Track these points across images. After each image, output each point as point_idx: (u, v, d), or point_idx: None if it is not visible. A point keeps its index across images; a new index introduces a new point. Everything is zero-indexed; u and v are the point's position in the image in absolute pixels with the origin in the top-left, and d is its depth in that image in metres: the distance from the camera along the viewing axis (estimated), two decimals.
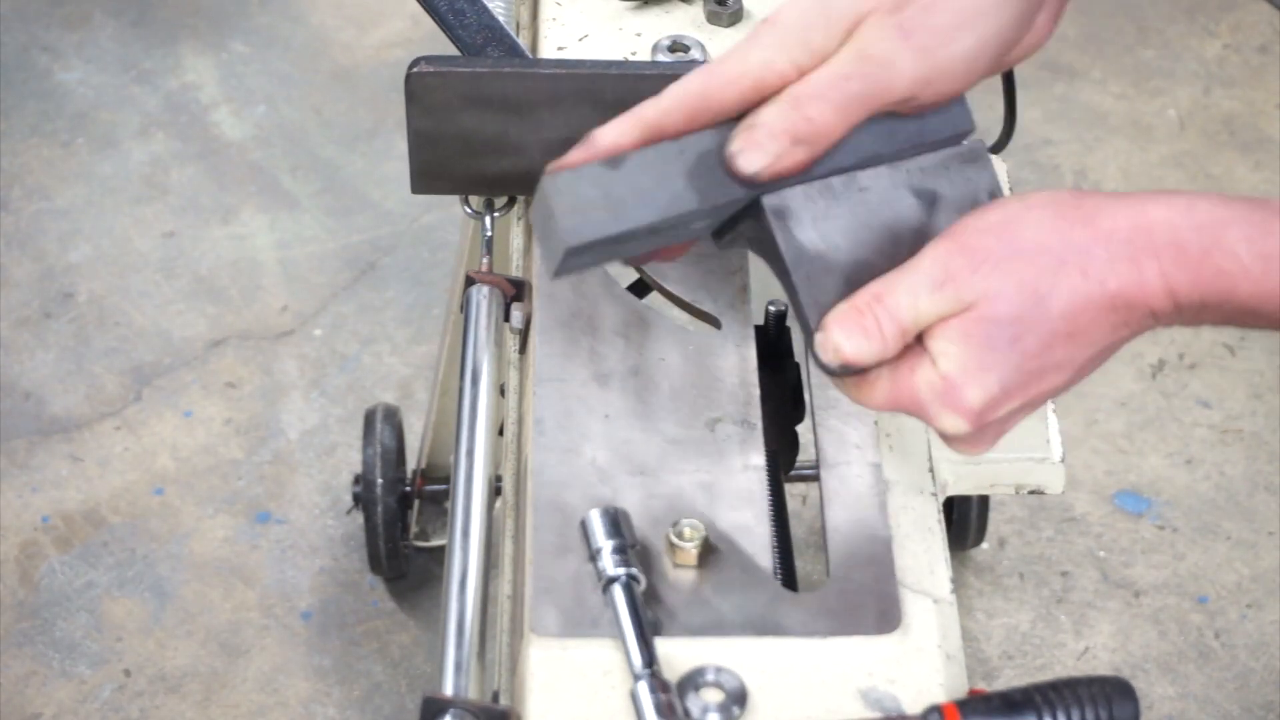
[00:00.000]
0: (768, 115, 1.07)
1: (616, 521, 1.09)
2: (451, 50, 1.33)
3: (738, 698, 1.05)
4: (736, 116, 1.08)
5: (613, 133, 1.08)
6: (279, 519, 2.38)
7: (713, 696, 1.05)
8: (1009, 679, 2.22)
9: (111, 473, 2.42)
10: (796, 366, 1.29)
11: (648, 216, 1.05)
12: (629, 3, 1.44)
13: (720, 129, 1.07)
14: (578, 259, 1.06)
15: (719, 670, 1.06)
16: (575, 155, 1.08)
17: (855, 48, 1.07)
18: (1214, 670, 2.25)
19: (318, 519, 2.38)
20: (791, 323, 1.31)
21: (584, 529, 1.09)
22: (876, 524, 1.15)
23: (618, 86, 1.28)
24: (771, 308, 1.31)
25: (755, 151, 1.07)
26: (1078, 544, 2.36)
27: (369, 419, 2.22)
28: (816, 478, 1.18)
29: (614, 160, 1.06)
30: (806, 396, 1.24)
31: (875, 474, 1.18)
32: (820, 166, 1.08)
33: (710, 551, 1.12)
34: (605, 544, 1.08)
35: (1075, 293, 1.04)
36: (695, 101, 1.07)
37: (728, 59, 1.08)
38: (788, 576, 1.16)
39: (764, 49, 1.07)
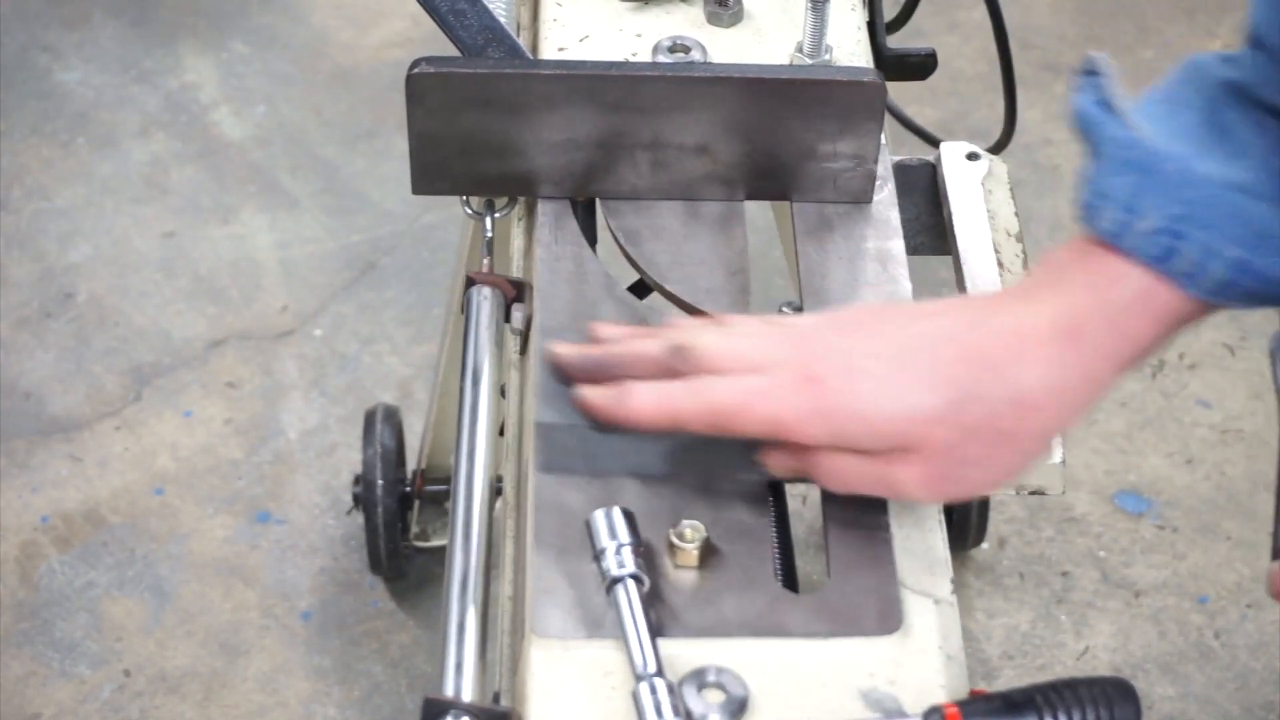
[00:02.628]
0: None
1: (622, 521, 1.09)
2: (452, 51, 1.33)
3: (739, 699, 1.05)
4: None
5: (638, 404, 1.12)
6: (279, 519, 2.38)
7: (714, 697, 1.05)
8: (1009, 679, 2.23)
9: (111, 473, 2.42)
10: None
11: (618, 467, 1.16)
12: (629, 3, 1.44)
13: None
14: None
15: (720, 671, 1.06)
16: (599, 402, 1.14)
17: None
18: (1214, 670, 2.25)
19: (318, 519, 2.38)
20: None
21: (589, 529, 1.09)
22: (877, 524, 1.14)
23: (618, 87, 1.28)
24: (785, 309, 1.31)
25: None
26: (1078, 544, 2.36)
27: (369, 419, 2.22)
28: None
29: (598, 427, 1.15)
30: None
31: None
32: None
33: (711, 552, 1.12)
34: (610, 544, 1.08)
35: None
36: (723, 420, 1.10)
37: (763, 398, 1.09)
38: (788, 577, 1.15)
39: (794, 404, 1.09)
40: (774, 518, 1.16)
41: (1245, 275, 1.04)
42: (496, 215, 1.37)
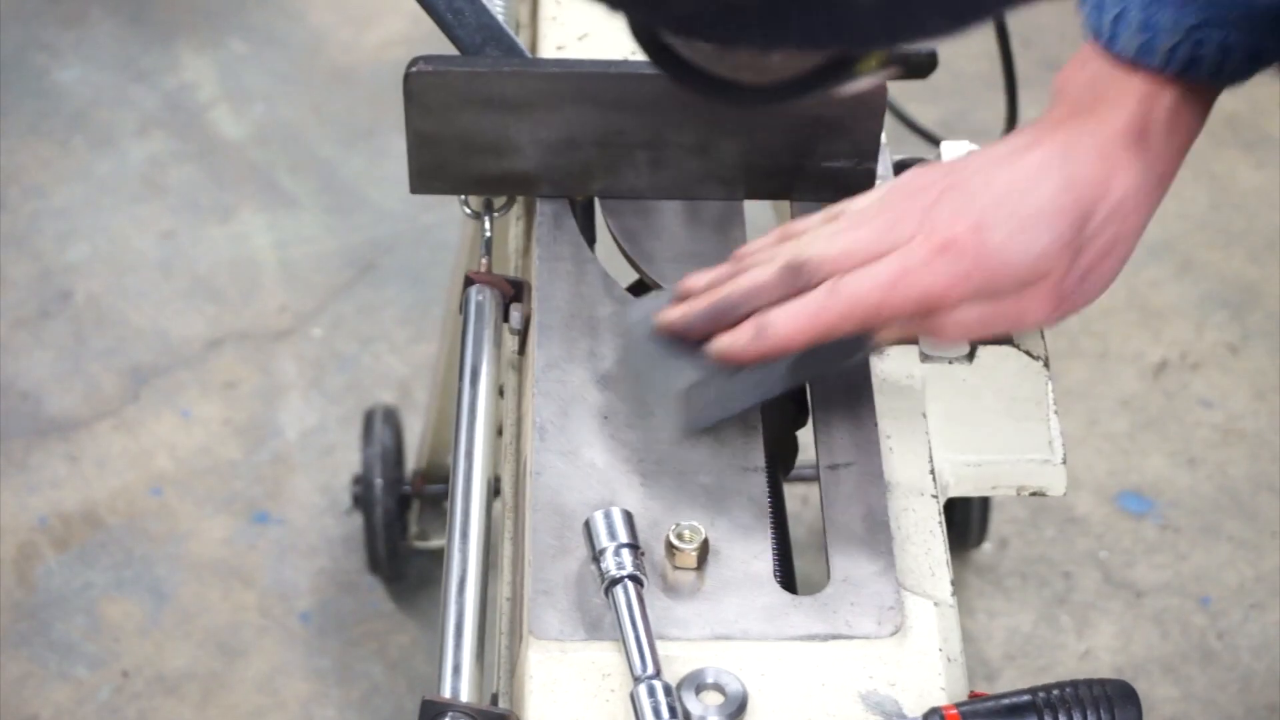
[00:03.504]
0: None
1: (621, 522, 1.08)
2: (450, 49, 1.33)
3: (738, 701, 1.05)
4: None
5: (786, 330, 1.13)
6: (277, 519, 2.37)
7: (713, 699, 1.05)
8: (1010, 680, 2.22)
9: (109, 473, 2.41)
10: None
11: (751, 401, 1.18)
12: None
13: None
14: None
15: (719, 673, 1.06)
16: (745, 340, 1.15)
17: None
18: (1216, 672, 2.24)
19: (316, 519, 2.38)
20: None
21: (587, 530, 1.09)
22: (877, 526, 1.14)
23: (617, 86, 1.28)
24: None
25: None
26: (1079, 545, 2.36)
27: (368, 419, 2.22)
28: (817, 479, 1.18)
29: (733, 370, 1.15)
30: (809, 400, 1.24)
31: (875, 475, 1.17)
32: None
33: (709, 554, 1.11)
34: (609, 544, 1.08)
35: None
36: (871, 313, 1.13)
37: (906, 279, 1.12)
38: (787, 579, 1.15)
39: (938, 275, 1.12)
40: (773, 519, 1.16)
41: (1262, 59, 1.14)
42: (495, 215, 1.37)
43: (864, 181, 1.32)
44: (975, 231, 1.11)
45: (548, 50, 1.41)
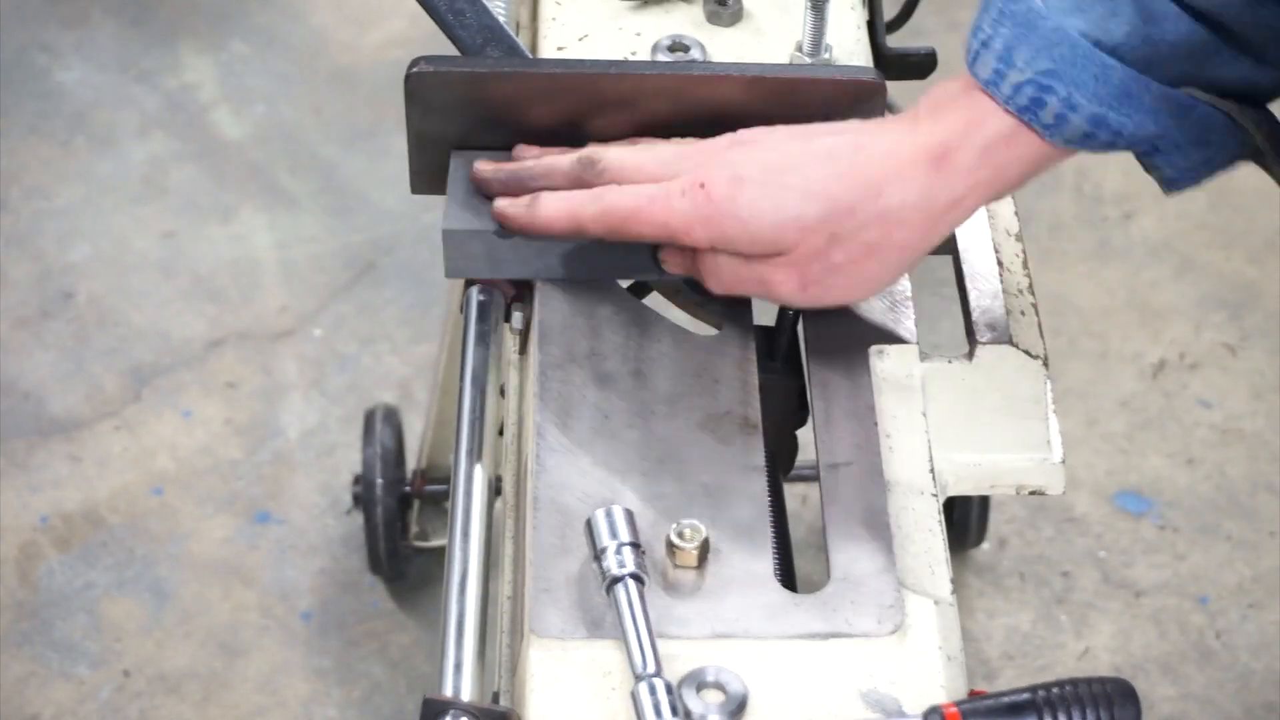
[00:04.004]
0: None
1: (623, 521, 1.09)
2: (451, 50, 1.33)
3: (738, 698, 1.05)
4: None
5: (547, 212, 1.23)
6: (278, 519, 2.38)
7: (714, 698, 1.05)
8: (1009, 680, 2.22)
9: (110, 473, 2.42)
10: (801, 369, 1.28)
11: (521, 272, 1.27)
12: (629, 2, 1.43)
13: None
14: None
15: (720, 671, 1.06)
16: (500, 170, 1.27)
17: None
18: (1215, 671, 2.24)
19: (317, 519, 2.38)
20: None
21: (589, 528, 1.09)
22: (877, 525, 1.14)
23: (618, 86, 1.28)
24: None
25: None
26: (1078, 544, 2.36)
27: (369, 419, 2.22)
28: (816, 478, 1.18)
29: (504, 235, 1.25)
30: (809, 400, 1.24)
31: (875, 474, 1.17)
32: None
33: (710, 552, 1.12)
34: (610, 543, 1.08)
35: None
36: (618, 224, 1.21)
37: (654, 204, 1.19)
38: (787, 578, 1.15)
39: (681, 210, 1.19)
40: (773, 518, 1.16)
41: (1101, 128, 1.13)
42: None
43: None
44: (731, 183, 1.16)
45: (548, 51, 1.41)
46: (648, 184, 1.20)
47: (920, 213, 1.16)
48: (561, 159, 1.25)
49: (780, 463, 1.24)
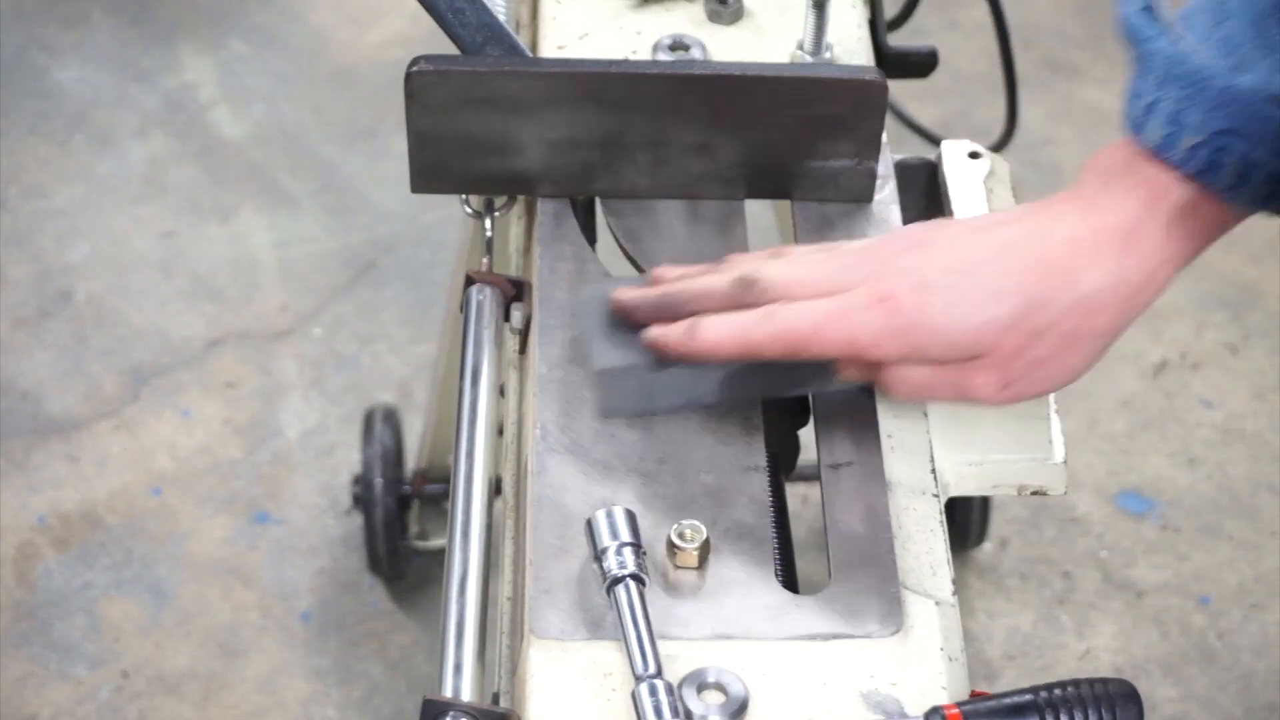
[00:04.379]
0: None
1: (623, 521, 1.08)
2: (451, 49, 1.33)
3: (739, 700, 1.05)
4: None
5: (714, 337, 1.15)
6: (278, 519, 2.38)
7: (714, 699, 1.05)
8: (1011, 680, 2.22)
9: (109, 473, 2.41)
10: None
11: (677, 402, 1.19)
12: (629, 1, 1.43)
13: None
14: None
15: (720, 672, 1.06)
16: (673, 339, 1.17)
17: None
18: (1217, 671, 2.24)
19: (317, 519, 2.38)
20: None
21: (589, 529, 1.09)
22: (878, 525, 1.14)
23: (618, 85, 1.28)
24: None
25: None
26: (1080, 544, 2.36)
27: (368, 419, 2.22)
28: (817, 478, 1.18)
29: (659, 366, 1.17)
30: (810, 400, 1.24)
31: (877, 475, 1.17)
32: None
33: (711, 553, 1.12)
34: (611, 543, 1.08)
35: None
36: (798, 344, 1.13)
37: (837, 321, 1.13)
38: (789, 578, 1.15)
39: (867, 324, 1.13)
40: (774, 519, 1.16)
41: None
42: (496, 214, 1.37)
43: (864, 181, 1.32)
44: (917, 291, 1.11)
45: (548, 50, 1.41)
46: (822, 299, 1.13)
47: (1116, 295, 1.13)
48: (716, 280, 1.17)
49: (782, 462, 1.24)
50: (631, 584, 1.07)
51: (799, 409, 1.26)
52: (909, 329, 1.11)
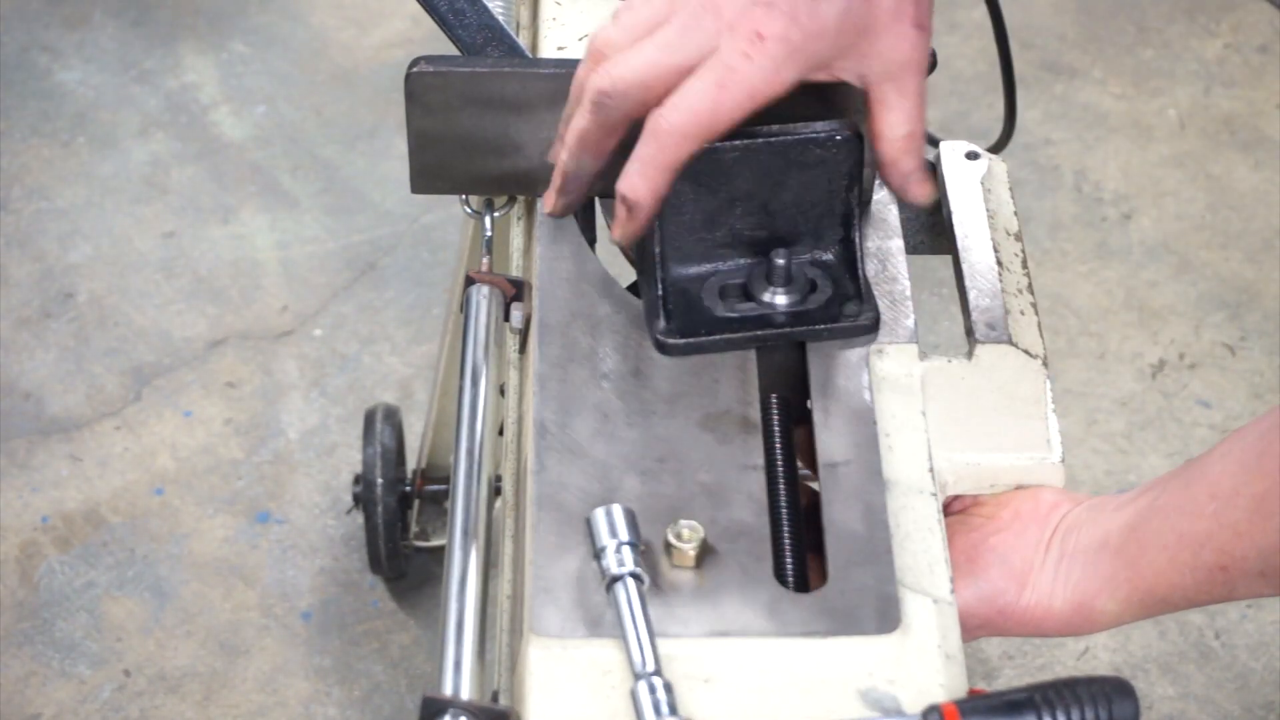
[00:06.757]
0: None
1: (623, 519, 1.09)
2: (451, 50, 1.33)
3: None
4: None
5: (643, 191, 1.15)
6: (279, 519, 2.38)
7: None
8: (1009, 679, 2.22)
9: (111, 473, 2.42)
10: (804, 361, 1.28)
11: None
12: None
13: None
14: None
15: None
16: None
17: None
18: (1214, 670, 2.25)
19: (318, 519, 2.38)
20: None
21: (589, 527, 1.09)
22: (876, 524, 1.14)
23: None
24: None
25: None
26: None
27: (369, 419, 2.22)
28: (816, 477, 1.18)
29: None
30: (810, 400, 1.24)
31: (874, 474, 1.17)
32: None
33: (708, 552, 1.12)
34: (610, 542, 1.08)
35: None
36: (705, 135, 1.13)
37: (728, 90, 1.11)
38: (799, 574, 1.15)
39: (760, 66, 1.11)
40: (789, 514, 1.16)
41: None
42: (496, 214, 1.37)
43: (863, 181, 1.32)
44: (771, 11, 1.09)
45: (548, 51, 1.41)
46: (689, 85, 1.11)
47: None
48: (580, 124, 1.17)
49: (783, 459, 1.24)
50: (631, 582, 1.07)
51: (799, 409, 1.27)
52: (797, 47, 1.10)
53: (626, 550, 1.08)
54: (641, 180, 1.15)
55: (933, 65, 1.53)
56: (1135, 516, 1.16)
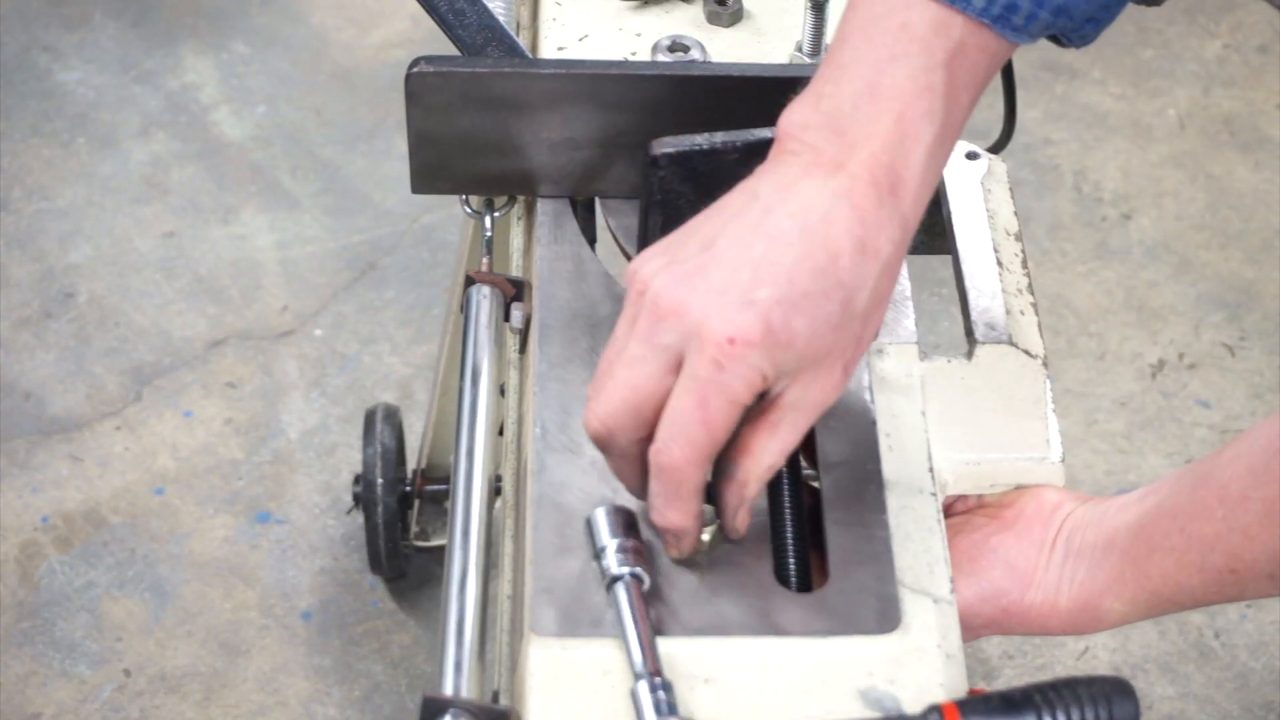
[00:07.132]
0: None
1: (623, 520, 1.09)
2: (452, 50, 1.33)
3: None
4: None
5: (675, 521, 1.09)
6: (279, 519, 2.38)
7: None
8: (1009, 679, 2.22)
9: (111, 473, 2.42)
10: None
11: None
12: (629, 3, 1.44)
13: None
14: None
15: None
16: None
17: None
18: (1214, 670, 2.25)
19: (318, 519, 2.38)
20: None
21: (589, 527, 1.09)
22: (876, 523, 1.14)
23: (618, 87, 1.28)
24: None
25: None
26: None
27: (369, 419, 2.22)
28: (816, 477, 1.18)
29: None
30: None
31: (875, 473, 1.17)
32: None
33: (709, 551, 1.12)
34: (610, 542, 1.08)
35: None
36: (708, 455, 1.06)
37: (711, 401, 1.04)
38: (802, 573, 1.15)
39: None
40: (792, 514, 1.16)
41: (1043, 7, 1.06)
42: (496, 214, 1.37)
43: None
44: (743, 309, 1.02)
45: (548, 51, 1.41)
46: (670, 412, 1.05)
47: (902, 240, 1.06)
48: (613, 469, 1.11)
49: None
50: (631, 582, 1.07)
51: None
52: (773, 347, 1.03)
53: (627, 550, 1.08)
54: (673, 513, 1.08)
55: None
56: (1142, 517, 1.17)
